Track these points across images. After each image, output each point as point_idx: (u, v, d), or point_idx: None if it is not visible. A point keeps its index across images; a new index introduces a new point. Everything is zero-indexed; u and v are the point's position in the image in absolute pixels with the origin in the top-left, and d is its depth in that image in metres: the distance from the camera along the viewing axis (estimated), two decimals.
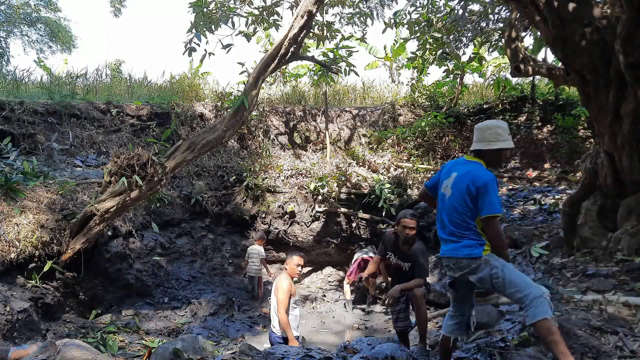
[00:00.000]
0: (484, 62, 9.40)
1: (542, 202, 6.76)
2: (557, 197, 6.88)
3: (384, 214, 8.18)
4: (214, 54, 9.23)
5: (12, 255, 4.63)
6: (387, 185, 8.27)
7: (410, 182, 8.66)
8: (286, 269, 4.48)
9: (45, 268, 4.87)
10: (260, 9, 7.67)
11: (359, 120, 10.93)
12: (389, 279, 4.90)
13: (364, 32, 8.84)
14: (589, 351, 2.66)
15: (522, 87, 10.26)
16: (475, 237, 2.71)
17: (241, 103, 6.01)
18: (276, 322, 4.29)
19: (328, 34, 8.23)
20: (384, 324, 6.42)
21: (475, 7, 7.48)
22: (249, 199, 8.63)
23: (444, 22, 7.31)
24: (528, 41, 14.21)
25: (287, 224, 8.67)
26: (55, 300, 5.13)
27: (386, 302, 4.03)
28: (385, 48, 13.58)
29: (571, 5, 4.06)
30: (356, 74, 8.28)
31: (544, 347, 2.73)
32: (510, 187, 8.04)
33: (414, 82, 11.31)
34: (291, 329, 4.15)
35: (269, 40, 10.84)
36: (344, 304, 7.35)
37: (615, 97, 4.09)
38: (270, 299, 4.61)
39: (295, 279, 4.49)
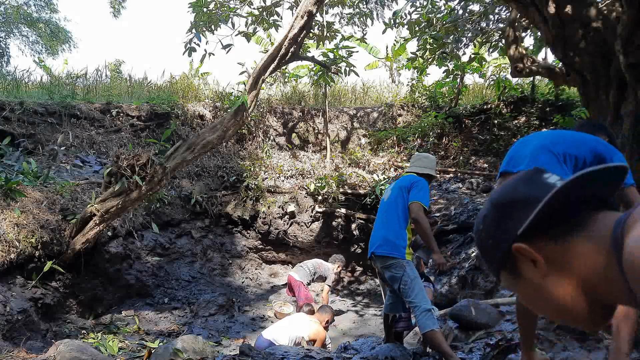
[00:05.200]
0: (484, 62, 9.39)
1: None
2: None
3: None
4: (214, 54, 9.26)
5: (12, 256, 4.63)
6: (387, 186, 8.27)
7: None
8: (326, 322, 5.15)
9: (45, 268, 4.86)
10: (260, 9, 7.67)
11: (359, 121, 10.93)
12: None
13: (364, 32, 8.85)
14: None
15: (522, 87, 10.26)
16: (402, 240, 3.29)
17: (241, 103, 6.02)
18: (289, 336, 4.60)
19: (328, 34, 8.23)
20: (382, 325, 6.41)
21: (475, 7, 7.48)
22: (249, 199, 8.63)
23: (443, 22, 7.31)
24: (528, 41, 14.20)
25: (287, 224, 8.67)
26: (55, 301, 5.12)
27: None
28: (386, 48, 13.58)
29: (571, 6, 4.06)
30: (356, 74, 8.29)
31: (436, 352, 3.28)
32: None
33: (414, 82, 11.30)
34: None
35: (269, 41, 10.83)
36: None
37: (615, 97, 4.09)
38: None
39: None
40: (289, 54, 6.20)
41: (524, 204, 0.76)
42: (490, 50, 8.35)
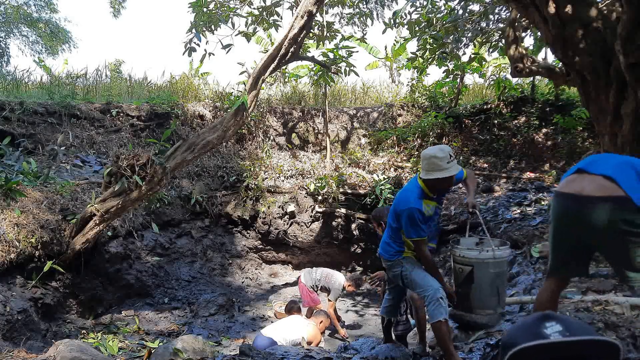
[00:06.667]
0: (484, 62, 9.38)
1: (542, 203, 6.76)
2: None
3: None
4: (214, 54, 9.25)
5: (12, 256, 4.63)
6: (387, 186, 8.27)
7: None
8: (320, 323, 5.29)
9: (45, 268, 4.86)
10: (260, 9, 7.67)
11: (359, 121, 10.93)
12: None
13: (364, 32, 8.85)
14: None
15: (522, 87, 10.25)
16: (396, 245, 3.27)
17: (241, 103, 6.02)
18: (287, 339, 4.65)
19: (328, 34, 8.23)
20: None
21: (475, 7, 7.48)
22: (249, 199, 8.63)
23: (443, 22, 7.31)
24: (528, 41, 14.20)
25: (287, 224, 8.68)
26: (55, 301, 5.12)
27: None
28: (385, 48, 13.58)
29: (571, 6, 4.06)
30: (356, 74, 8.29)
31: (438, 344, 3.26)
32: (510, 187, 8.04)
33: (414, 82, 11.30)
34: None
35: (270, 41, 10.83)
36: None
37: (615, 97, 4.08)
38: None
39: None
40: (289, 54, 6.20)
41: (508, 348, 0.93)
42: (490, 50, 8.35)
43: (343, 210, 8.56)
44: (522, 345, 0.87)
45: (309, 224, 8.66)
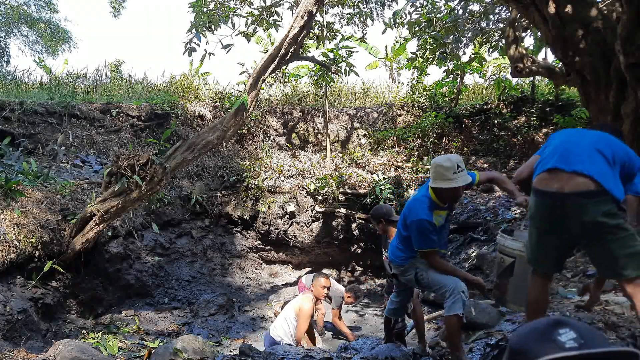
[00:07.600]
0: (484, 62, 9.38)
1: None
2: None
3: None
4: (214, 54, 9.21)
5: (12, 256, 4.63)
6: (387, 186, 8.27)
7: (411, 183, 8.67)
8: (312, 290, 4.80)
9: (45, 268, 4.86)
10: (260, 9, 7.67)
11: (359, 121, 10.93)
12: None
13: (364, 32, 8.84)
14: None
15: (522, 87, 10.25)
16: (409, 251, 3.16)
17: (241, 103, 6.02)
18: (285, 333, 4.39)
19: (328, 34, 8.23)
20: (382, 325, 6.40)
21: (475, 7, 7.48)
22: (249, 199, 8.63)
23: (443, 22, 7.31)
24: (528, 41, 14.19)
25: (287, 224, 8.67)
26: (55, 301, 5.12)
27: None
28: (385, 48, 13.58)
29: (571, 6, 4.06)
30: (356, 74, 8.28)
31: (446, 337, 3.22)
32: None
33: (414, 82, 11.29)
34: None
35: (270, 41, 10.83)
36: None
37: (615, 97, 4.09)
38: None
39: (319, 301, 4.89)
40: (289, 54, 6.20)
41: (524, 356, 0.89)
42: (490, 50, 8.35)
43: (343, 210, 8.56)
44: (545, 357, 0.84)
45: (309, 224, 8.66)
